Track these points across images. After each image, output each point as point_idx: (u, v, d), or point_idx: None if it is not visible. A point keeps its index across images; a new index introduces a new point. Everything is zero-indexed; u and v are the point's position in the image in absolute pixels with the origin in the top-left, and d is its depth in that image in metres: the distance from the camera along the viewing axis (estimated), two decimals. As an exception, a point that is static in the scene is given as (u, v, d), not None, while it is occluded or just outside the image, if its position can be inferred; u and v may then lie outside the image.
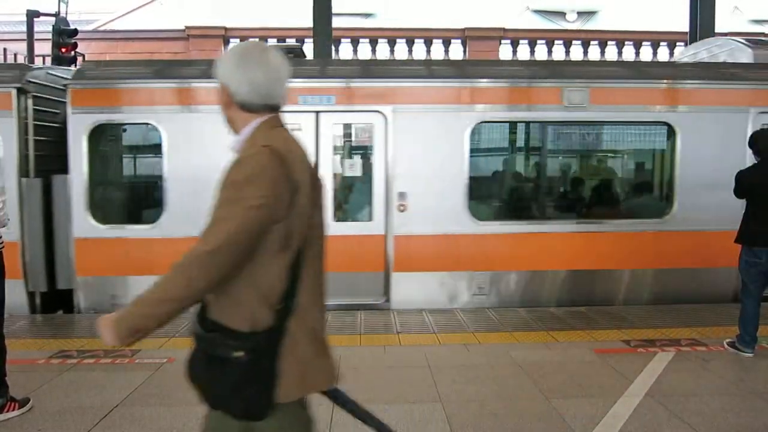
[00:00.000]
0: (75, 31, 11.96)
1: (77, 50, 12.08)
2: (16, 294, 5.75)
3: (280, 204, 1.64)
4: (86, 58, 13.08)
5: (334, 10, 10.22)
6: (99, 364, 4.63)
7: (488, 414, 3.67)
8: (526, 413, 3.68)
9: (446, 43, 19.84)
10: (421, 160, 6.39)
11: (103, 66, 7.30)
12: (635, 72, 7.17)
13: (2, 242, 3.72)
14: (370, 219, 6.46)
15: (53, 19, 12.41)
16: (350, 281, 6.35)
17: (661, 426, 3.51)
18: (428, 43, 19.74)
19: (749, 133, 6.33)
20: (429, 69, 6.98)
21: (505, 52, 19.81)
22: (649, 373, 4.35)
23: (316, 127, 6.37)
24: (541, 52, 19.98)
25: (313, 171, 1.81)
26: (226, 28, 18.92)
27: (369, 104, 6.39)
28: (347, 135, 6.68)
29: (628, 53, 19.39)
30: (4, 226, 3.70)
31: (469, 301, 6.47)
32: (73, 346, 5.08)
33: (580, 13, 22.36)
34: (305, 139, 6.22)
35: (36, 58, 13.06)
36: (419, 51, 19.65)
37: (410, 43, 19.67)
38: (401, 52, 19.60)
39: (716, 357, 4.72)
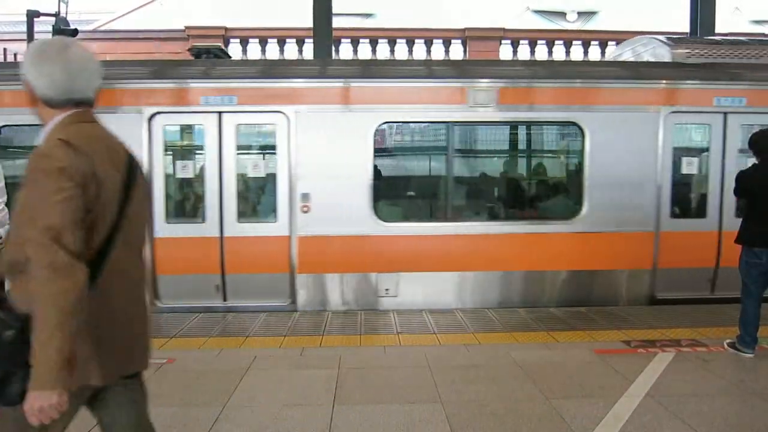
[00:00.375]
0: (75, 31, 11.94)
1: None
2: None
3: (85, 194, 1.70)
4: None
5: (334, 11, 10.23)
6: (99, 364, 4.62)
7: (488, 414, 3.67)
8: (526, 414, 3.68)
9: (446, 44, 19.84)
10: (324, 161, 6.34)
11: None
12: (543, 71, 7.09)
13: (2, 243, 3.72)
14: (274, 220, 6.41)
15: (53, 19, 12.40)
16: (255, 283, 6.36)
17: (662, 426, 3.51)
18: (428, 43, 19.75)
19: (661, 132, 6.45)
20: (331, 69, 6.94)
21: (505, 52, 19.82)
22: (650, 373, 4.35)
23: (218, 127, 6.33)
24: (541, 53, 19.99)
25: (130, 167, 1.88)
26: (226, 28, 18.94)
27: (271, 105, 6.34)
28: (250, 136, 6.69)
29: (629, 54, 19.36)
30: (3, 227, 3.71)
31: (377, 302, 6.43)
32: (73, 346, 5.07)
33: (580, 14, 22.38)
34: (209, 139, 6.29)
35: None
36: (419, 51, 19.65)
37: (410, 43, 19.67)
38: (401, 52, 19.60)
39: (716, 357, 4.72)
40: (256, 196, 6.74)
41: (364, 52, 19.41)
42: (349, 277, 6.44)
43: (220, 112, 6.32)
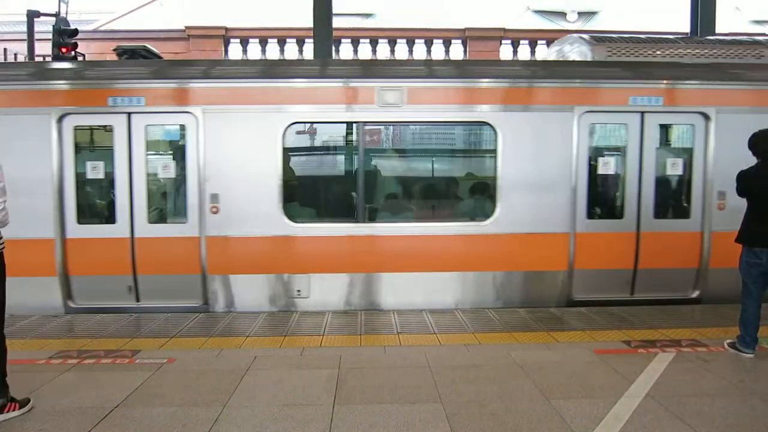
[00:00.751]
0: (75, 31, 11.95)
1: (77, 50, 12.07)
2: None
3: None
4: (86, 58, 13.08)
5: (334, 11, 10.23)
6: (99, 364, 4.63)
7: (488, 414, 3.67)
8: (526, 414, 3.68)
9: (446, 44, 19.83)
10: (233, 161, 6.29)
11: None
12: (454, 70, 7.00)
13: (3, 242, 3.73)
14: (184, 221, 6.37)
15: (53, 19, 12.40)
16: (168, 284, 6.34)
17: (662, 427, 3.51)
18: (429, 43, 19.74)
19: (575, 132, 6.40)
20: (239, 69, 6.87)
21: (505, 52, 19.81)
22: (650, 373, 4.34)
23: (128, 128, 6.30)
24: (541, 53, 19.97)
25: None
26: (226, 29, 18.93)
27: (178, 105, 6.31)
28: (160, 137, 6.67)
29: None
30: (4, 227, 3.71)
31: (289, 303, 6.39)
32: (74, 346, 5.08)
33: (580, 14, 22.38)
34: (118, 140, 6.25)
35: (36, 59, 13.06)
36: (420, 51, 19.64)
37: (411, 43, 19.66)
38: (402, 52, 19.60)
39: (717, 358, 4.71)
40: (166, 197, 6.71)
41: (365, 52, 19.42)
42: (261, 278, 6.38)
43: (129, 113, 6.29)
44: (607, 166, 6.60)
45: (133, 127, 6.30)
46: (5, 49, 16.00)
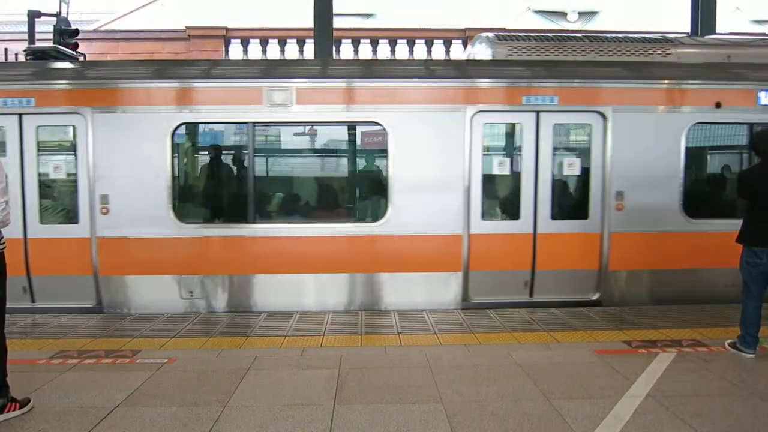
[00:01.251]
0: (76, 32, 11.93)
1: (78, 50, 12.07)
2: None
3: None
4: (87, 59, 13.08)
5: (334, 11, 10.23)
6: (100, 364, 4.63)
7: (489, 415, 3.67)
8: (526, 414, 3.68)
9: (447, 44, 19.82)
10: (122, 162, 6.27)
11: None
12: (345, 70, 6.96)
13: (4, 242, 3.73)
14: (76, 222, 6.36)
15: (54, 19, 12.39)
16: (62, 284, 6.34)
17: (662, 427, 3.50)
18: (429, 43, 19.72)
19: (467, 132, 6.34)
20: (126, 70, 6.84)
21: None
22: (650, 373, 4.34)
23: (19, 129, 6.29)
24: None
25: None
26: (227, 29, 18.91)
27: (68, 106, 6.28)
28: (51, 137, 6.63)
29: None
30: (5, 226, 3.71)
31: (183, 304, 6.37)
32: (74, 346, 5.08)
33: (581, 14, 22.35)
34: (9, 142, 6.23)
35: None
36: (420, 51, 19.63)
37: (411, 43, 19.65)
38: (402, 52, 19.59)
39: (717, 358, 4.71)
40: (58, 198, 6.68)
41: (365, 52, 19.41)
42: (152, 279, 6.36)
43: (20, 114, 6.28)
44: (502, 166, 6.55)
45: (24, 128, 6.30)
46: (6, 49, 15.99)
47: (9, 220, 3.72)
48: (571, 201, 6.80)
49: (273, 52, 18.85)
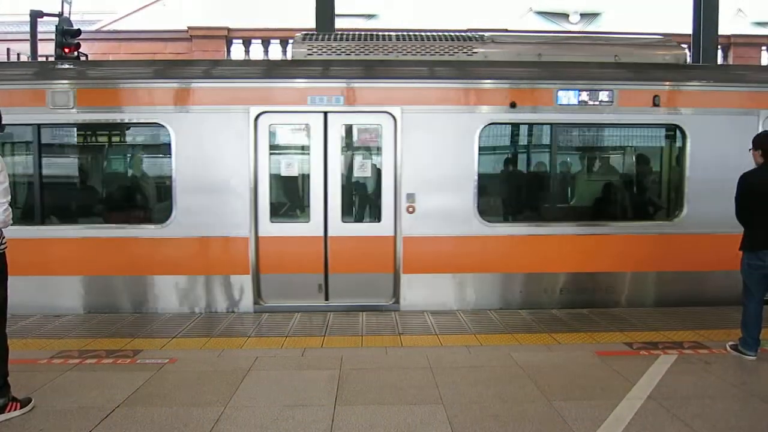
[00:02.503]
0: (78, 32, 11.96)
1: (80, 51, 12.09)
2: None
3: None
4: (89, 59, 13.11)
5: (336, 11, 10.23)
6: (101, 364, 4.64)
7: (489, 416, 3.67)
8: (527, 415, 3.68)
9: (448, 45, 19.82)
10: None
11: None
12: (126, 71, 6.75)
13: (5, 243, 3.73)
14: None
15: (56, 19, 12.42)
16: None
17: (664, 428, 3.50)
18: (430, 44, 19.71)
19: (251, 133, 6.24)
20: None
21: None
22: (651, 375, 4.34)
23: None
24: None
25: None
26: (228, 29, 18.93)
27: None
28: None
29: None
30: (6, 227, 3.71)
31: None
32: (75, 346, 5.09)
33: (583, 15, 22.33)
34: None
35: (39, 59, 13.08)
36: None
37: (412, 44, 19.63)
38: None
39: (719, 360, 4.71)
40: None
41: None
42: None
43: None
44: (290, 167, 6.45)
45: None
46: (8, 49, 16.02)
47: (10, 221, 3.72)
48: (362, 203, 6.69)
49: (275, 52, 18.86)
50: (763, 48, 17.97)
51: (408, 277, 6.37)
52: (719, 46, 14.05)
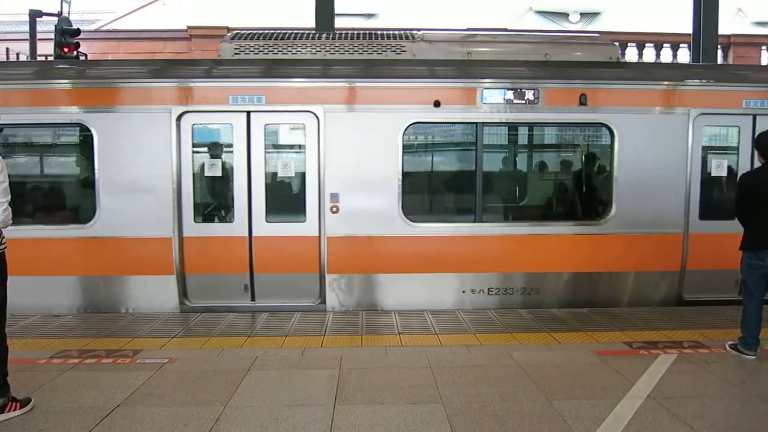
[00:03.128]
0: (77, 31, 11.96)
1: (79, 50, 12.09)
2: None
3: None
4: (88, 58, 13.10)
5: (336, 11, 10.23)
6: (100, 364, 4.64)
7: (489, 415, 3.67)
8: (527, 415, 3.68)
9: (448, 44, 19.80)
10: None
11: None
12: (46, 72, 6.75)
13: (5, 243, 3.73)
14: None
15: (56, 19, 12.41)
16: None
17: (663, 428, 3.50)
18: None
19: (174, 132, 6.20)
20: None
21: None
22: (651, 375, 4.34)
23: None
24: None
25: None
26: (228, 28, 18.92)
27: None
28: None
29: (632, 54, 19.40)
30: (6, 227, 3.71)
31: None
32: (75, 345, 5.08)
33: (583, 14, 22.34)
34: None
35: (38, 58, 13.08)
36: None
37: (411, 43, 19.62)
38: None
39: (718, 359, 4.71)
40: None
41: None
42: None
43: None
44: (213, 167, 6.39)
45: None
46: (8, 49, 16.01)
47: (10, 221, 3.72)
48: (287, 203, 6.62)
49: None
50: (763, 48, 17.97)
51: (333, 278, 6.35)
52: (719, 46, 14.04)
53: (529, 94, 6.40)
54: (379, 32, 7.20)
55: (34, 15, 12.88)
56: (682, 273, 6.58)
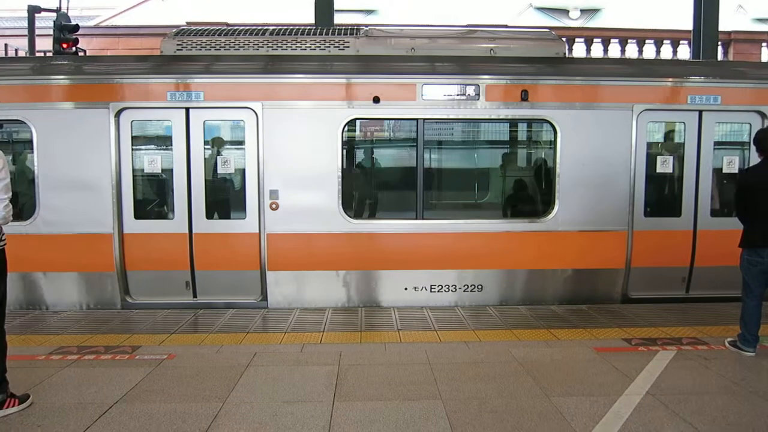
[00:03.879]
0: (76, 27, 11.94)
1: (78, 46, 12.06)
2: None
3: None
4: (87, 54, 13.07)
5: (336, 7, 10.22)
6: (99, 360, 4.63)
7: (488, 412, 3.67)
8: (526, 411, 3.67)
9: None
10: None
11: None
12: None
13: (4, 240, 3.72)
14: None
15: (55, 15, 12.38)
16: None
17: (662, 425, 3.50)
18: (430, 40, 19.67)
19: (113, 129, 6.14)
20: None
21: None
22: (650, 371, 4.34)
23: None
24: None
25: None
26: (227, 24, 18.91)
27: None
28: None
29: (632, 51, 19.38)
30: (6, 224, 3.70)
31: None
32: (74, 342, 5.08)
33: (583, 11, 22.32)
34: None
35: (37, 54, 13.05)
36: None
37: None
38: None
39: (718, 356, 4.70)
40: None
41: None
42: None
43: None
44: (153, 164, 6.37)
45: None
46: (6, 45, 15.98)
47: (10, 218, 3.72)
48: (227, 200, 6.63)
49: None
50: (764, 44, 17.95)
51: (274, 275, 6.32)
52: (720, 43, 14.02)
53: (470, 90, 6.36)
54: (327, 28, 7.13)
55: (33, 11, 12.85)
56: (627, 270, 6.55)
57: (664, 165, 6.60)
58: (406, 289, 6.43)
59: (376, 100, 6.26)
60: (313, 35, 6.77)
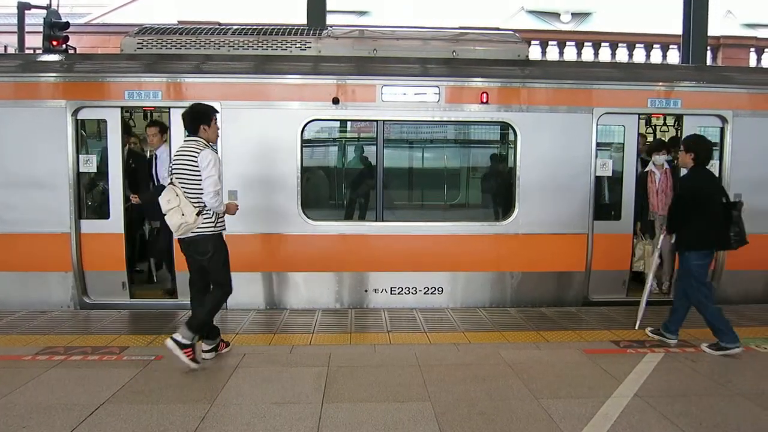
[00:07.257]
0: (67, 24, 11.82)
1: (69, 43, 11.95)
2: None
3: None
4: (78, 52, 12.96)
5: (328, 7, 10.20)
6: (86, 360, 4.59)
7: (477, 413, 3.67)
8: (515, 413, 3.68)
9: (440, 42, 19.80)
10: None
11: None
12: None
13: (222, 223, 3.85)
14: None
15: (45, 12, 12.27)
16: None
17: (650, 426, 3.52)
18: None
19: (68, 128, 6.09)
20: None
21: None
22: (639, 373, 4.36)
23: None
24: (535, 53, 19.99)
25: None
26: (219, 23, 18.83)
27: None
28: None
29: (622, 55, 19.52)
30: (219, 211, 3.88)
31: None
32: (61, 342, 5.03)
33: (574, 15, 22.43)
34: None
35: (27, 51, 12.93)
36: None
37: (404, 41, 19.61)
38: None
39: (705, 358, 4.74)
40: None
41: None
42: None
43: None
44: (88, 164, 6.28)
45: None
46: (-5, 42, 15.82)
47: (220, 208, 4.03)
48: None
49: (266, 47, 18.81)
50: (752, 49, 18.14)
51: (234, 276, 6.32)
52: (709, 47, 14.14)
53: (430, 92, 6.34)
54: (290, 28, 7.05)
55: (23, 7, 12.74)
56: (587, 273, 6.56)
57: (604, 168, 6.62)
58: (366, 291, 6.41)
59: (336, 101, 6.23)
60: (276, 35, 6.72)
